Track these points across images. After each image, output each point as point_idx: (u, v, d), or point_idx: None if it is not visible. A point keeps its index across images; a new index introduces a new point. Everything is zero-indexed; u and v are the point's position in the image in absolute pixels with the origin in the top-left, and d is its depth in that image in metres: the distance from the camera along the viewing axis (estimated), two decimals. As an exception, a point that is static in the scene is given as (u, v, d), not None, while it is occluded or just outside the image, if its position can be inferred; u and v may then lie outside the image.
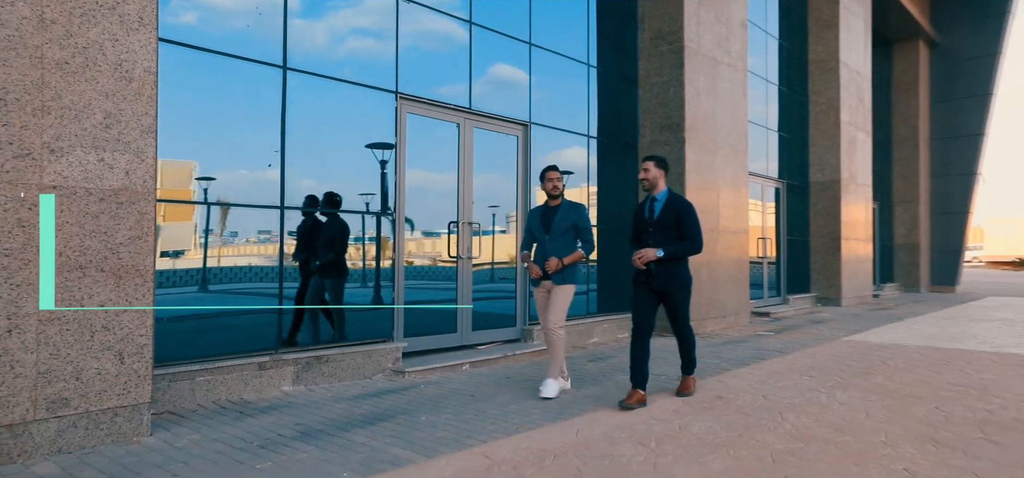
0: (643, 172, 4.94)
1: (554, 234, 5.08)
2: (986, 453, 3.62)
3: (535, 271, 5.13)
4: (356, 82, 5.94)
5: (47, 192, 3.52)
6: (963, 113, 19.01)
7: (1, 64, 3.39)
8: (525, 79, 7.53)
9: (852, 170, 13.66)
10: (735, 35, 9.76)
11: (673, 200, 4.90)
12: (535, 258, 5.20)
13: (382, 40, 6.16)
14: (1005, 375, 5.91)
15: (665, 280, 4.77)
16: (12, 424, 3.41)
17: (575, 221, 5.10)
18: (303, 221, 5.54)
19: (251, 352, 5.10)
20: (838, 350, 7.40)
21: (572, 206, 5.18)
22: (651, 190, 4.94)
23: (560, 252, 5.04)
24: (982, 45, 18.78)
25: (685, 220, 4.80)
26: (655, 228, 4.82)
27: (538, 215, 5.26)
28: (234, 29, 5.17)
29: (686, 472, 3.29)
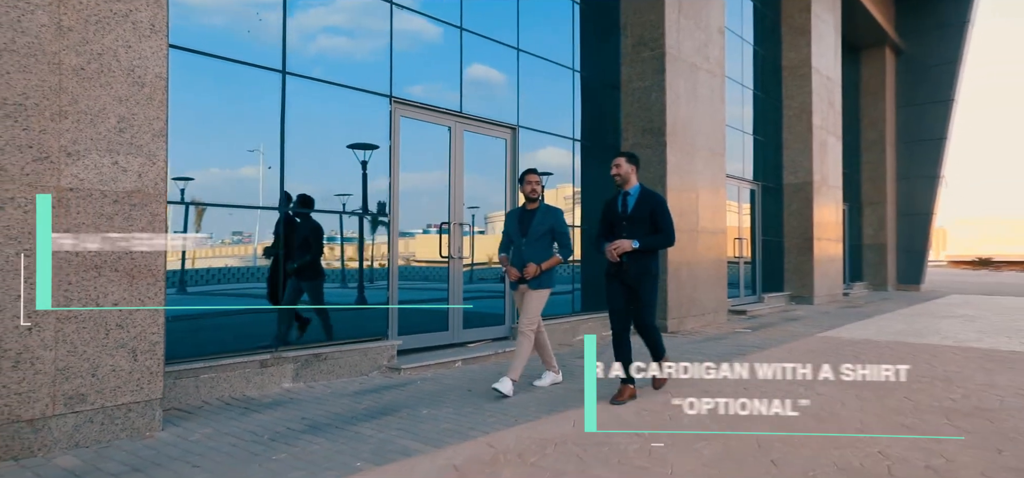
0: (615, 168, 4.99)
1: (531, 238, 5.14)
2: (945, 425, 3.91)
3: (513, 274, 5.21)
4: (352, 86, 6.08)
5: (64, 194, 3.63)
6: (927, 118, 19.70)
7: (21, 70, 3.49)
8: (513, 83, 7.73)
9: (824, 173, 14.12)
10: (713, 41, 10.08)
11: (647, 195, 4.97)
12: (512, 261, 5.26)
13: (355, 39, 6.31)
14: (967, 367, 6.28)
15: (637, 272, 4.83)
16: (33, 419, 3.52)
17: (552, 225, 5.17)
18: (277, 221, 5.56)
19: (253, 350, 5.22)
20: (813, 345, 7.74)
21: (549, 210, 5.25)
22: (623, 185, 4.99)
23: (536, 256, 5.11)
24: (944, 53, 19.47)
25: (659, 214, 4.89)
26: (628, 222, 4.89)
27: (516, 218, 5.31)
28: (212, 27, 5.29)
29: (681, 458, 3.52)
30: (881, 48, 18.97)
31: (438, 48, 6.95)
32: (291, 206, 5.62)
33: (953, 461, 3.48)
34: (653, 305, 5.00)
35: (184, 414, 4.42)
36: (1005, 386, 5.42)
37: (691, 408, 3.77)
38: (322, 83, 5.83)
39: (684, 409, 3.83)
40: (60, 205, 3.61)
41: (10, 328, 3.44)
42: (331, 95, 5.92)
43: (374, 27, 6.31)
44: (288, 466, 3.41)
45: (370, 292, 6.33)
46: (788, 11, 14.04)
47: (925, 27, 19.64)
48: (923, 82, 19.73)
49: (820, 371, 5.59)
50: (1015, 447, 3.74)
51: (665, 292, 8.79)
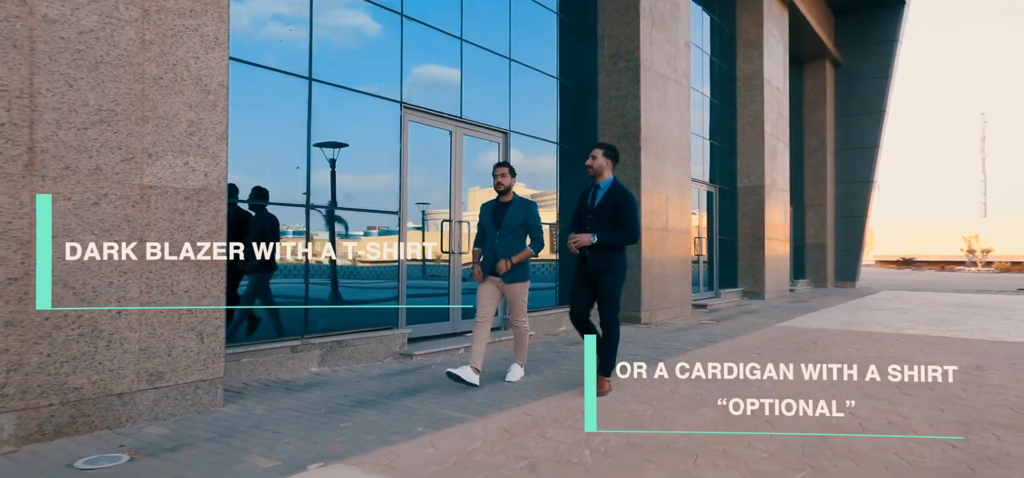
0: (590, 159, 4.96)
1: (504, 230, 5.17)
2: (905, 402, 4.71)
3: (477, 275, 5.31)
4: (365, 91, 6.54)
5: (146, 192, 4.01)
6: (862, 127, 21.24)
7: (113, 80, 3.86)
8: (505, 89, 8.30)
9: (774, 177, 15.21)
10: (681, 54, 10.89)
11: (615, 189, 4.90)
12: (485, 253, 5.30)
13: (298, 28, 6.77)
14: (907, 350, 7.21)
15: (599, 265, 4.79)
16: (121, 393, 3.89)
17: (525, 218, 5.19)
18: (228, 214, 5.21)
19: (285, 337, 5.63)
20: (775, 334, 8.60)
21: (522, 203, 5.27)
22: (596, 177, 4.96)
23: (509, 249, 5.16)
24: (877, 67, 21.04)
25: (623, 209, 4.79)
26: (594, 215, 4.85)
27: (490, 211, 5.32)
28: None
29: (690, 418, 4.18)
30: (822, 61, 20.35)
31: (441, 57, 7.45)
32: (241, 200, 5.65)
33: (908, 418, 4.26)
34: (614, 302, 4.85)
35: (233, 394, 4.82)
36: (940, 361, 6.31)
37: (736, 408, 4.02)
38: (336, 88, 6.27)
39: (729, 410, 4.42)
40: (142, 201, 3.99)
41: (103, 313, 3.81)
42: (339, 98, 6.35)
43: (323, 22, 6.77)
44: (359, 432, 3.90)
45: (372, 289, 6.78)
46: (743, 25, 15.06)
47: (860, 43, 21.17)
48: (859, 94, 21.26)
49: (785, 353, 6.37)
50: (953, 407, 4.56)
51: (639, 286, 9.53)
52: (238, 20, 5.46)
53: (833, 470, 3.23)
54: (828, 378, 4.07)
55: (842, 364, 4.24)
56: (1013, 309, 12.97)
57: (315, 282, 6.10)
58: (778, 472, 3.19)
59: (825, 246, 20.17)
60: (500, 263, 5.16)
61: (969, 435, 3.86)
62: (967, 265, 50.61)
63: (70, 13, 3.68)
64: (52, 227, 3.58)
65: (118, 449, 3.48)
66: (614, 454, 3.44)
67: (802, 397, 4.00)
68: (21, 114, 3.50)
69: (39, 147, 3.57)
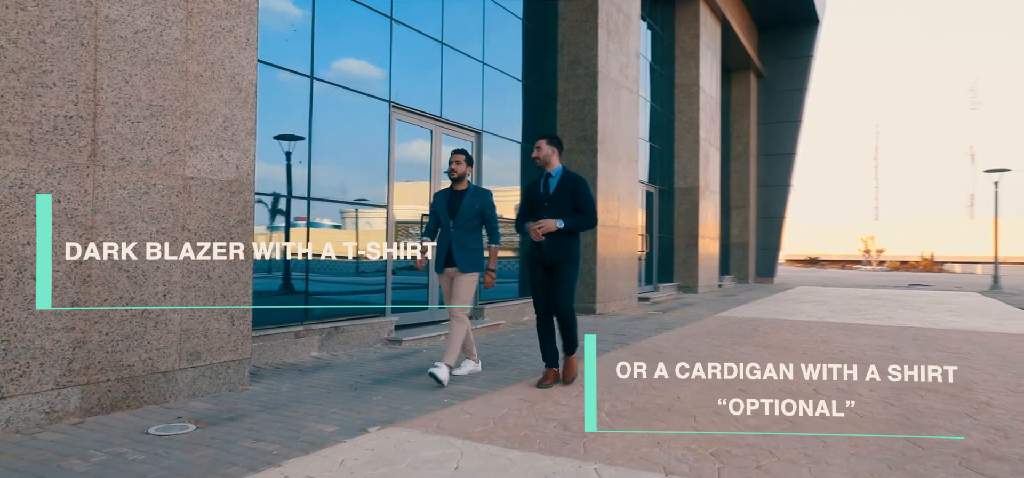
0: (536, 150, 4.95)
1: (460, 220, 5.01)
2: (844, 374, 5.55)
3: (420, 264, 5.20)
4: (358, 91, 6.87)
5: (187, 182, 4.28)
6: (781, 134, 22.93)
7: (162, 77, 4.11)
8: (478, 92, 8.77)
9: (707, 179, 16.33)
10: (632, 63, 11.68)
11: (568, 176, 4.92)
12: (439, 243, 5.14)
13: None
14: (833, 335, 8.21)
15: (557, 252, 4.80)
16: (166, 371, 4.16)
17: (481, 208, 5.06)
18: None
19: (288, 323, 5.93)
20: (718, 323, 9.49)
21: (478, 192, 5.13)
22: (545, 167, 4.95)
23: (465, 239, 5.01)
24: (794, 80, 22.77)
25: (580, 194, 4.84)
26: (550, 203, 4.84)
27: (444, 200, 5.14)
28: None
29: (674, 386, 4.83)
30: (747, 72, 21.83)
31: (424, 60, 7.85)
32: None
33: (853, 386, 5.08)
34: (572, 288, 4.89)
35: (252, 374, 5.10)
36: (864, 344, 7.32)
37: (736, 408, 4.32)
38: (327, 84, 6.58)
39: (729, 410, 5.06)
40: (184, 191, 4.26)
41: (152, 296, 4.06)
42: (329, 96, 6.67)
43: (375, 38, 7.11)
44: (393, 403, 4.31)
45: (359, 279, 7.12)
46: (681, 37, 16.09)
47: (780, 57, 22.84)
48: (778, 104, 22.94)
49: (734, 339, 7.16)
50: (873, 377, 5.42)
51: (594, 279, 10.22)
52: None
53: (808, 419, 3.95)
54: (772, 355, 4.80)
55: (785, 348, 5.03)
56: (909, 301, 14.61)
57: (260, 276, 6.40)
58: (761, 425, 3.87)
59: (748, 244, 21.68)
60: (487, 277, 5.08)
61: (899, 398, 4.68)
62: (864, 264, 54.91)
63: (127, 13, 3.92)
64: (107, 214, 3.83)
65: (175, 420, 3.76)
66: (626, 415, 4.03)
67: (790, 391, 4.72)
68: (86, 108, 3.73)
69: (100, 139, 3.80)
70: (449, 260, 5.06)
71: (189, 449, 3.23)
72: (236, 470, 2.94)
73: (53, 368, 3.60)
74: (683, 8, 16.04)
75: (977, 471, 3.10)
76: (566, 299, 4.87)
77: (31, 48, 3.49)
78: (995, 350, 7.20)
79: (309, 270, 6.30)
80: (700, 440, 3.55)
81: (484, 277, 5.12)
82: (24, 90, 3.46)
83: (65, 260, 3.63)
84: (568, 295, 4.87)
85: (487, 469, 2.98)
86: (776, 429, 3.79)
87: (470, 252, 5.04)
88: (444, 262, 5.09)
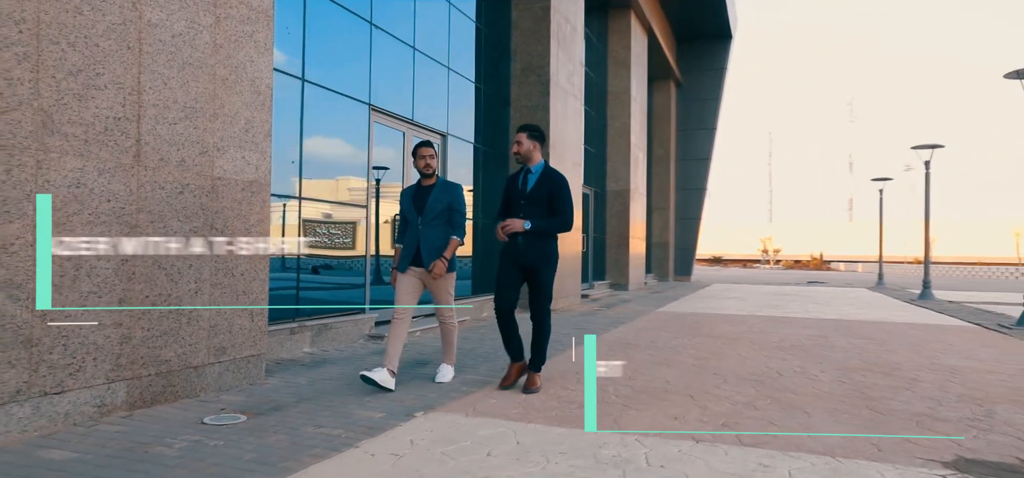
0: (516, 145, 4.68)
1: (428, 216, 4.74)
2: (785, 356, 6.32)
3: (396, 279, 4.84)
4: (341, 92, 7.04)
5: (215, 183, 4.41)
6: (698, 141, 24.42)
7: (194, 80, 4.24)
8: (444, 95, 9.08)
9: (636, 182, 17.28)
10: (577, 71, 12.30)
11: (549, 173, 4.66)
12: (407, 240, 4.82)
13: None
14: (768, 327, 9.12)
15: (534, 255, 4.55)
16: (197, 366, 4.28)
17: (450, 202, 4.76)
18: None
19: (283, 320, 6.05)
20: (663, 318, 10.25)
21: (447, 186, 4.85)
22: (526, 162, 4.68)
23: (434, 236, 4.72)
24: (710, 90, 24.33)
25: (558, 195, 4.58)
26: (527, 201, 4.59)
27: (410, 196, 4.88)
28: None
29: (660, 371, 5.39)
30: (668, 81, 23.12)
31: (397, 64, 8.08)
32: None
33: (806, 366, 5.83)
34: (549, 293, 4.65)
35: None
36: (798, 334, 8.22)
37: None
38: (313, 86, 6.74)
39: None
40: (213, 191, 4.39)
41: (186, 293, 4.18)
42: (316, 97, 6.83)
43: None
44: (419, 391, 4.60)
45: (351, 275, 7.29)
46: (613, 47, 16.94)
47: (697, 68, 24.34)
48: (695, 112, 24.42)
49: (684, 331, 7.86)
50: (827, 361, 6.22)
51: (546, 276, 10.74)
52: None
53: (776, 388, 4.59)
54: (724, 347, 5.46)
55: (733, 339, 5.70)
56: (814, 297, 16.14)
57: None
58: (752, 400, 4.47)
59: (668, 245, 22.97)
60: (437, 265, 4.67)
61: (848, 377, 5.45)
62: (763, 262, 58.83)
63: (166, 18, 4.03)
64: (149, 213, 3.93)
65: (219, 411, 3.92)
66: (631, 397, 4.53)
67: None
68: (132, 110, 3.82)
69: (143, 140, 3.90)
70: (417, 259, 4.76)
71: (261, 434, 3.44)
72: (320, 450, 3.20)
73: (104, 363, 3.68)
74: (616, 20, 16.90)
75: (929, 429, 3.81)
76: (544, 303, 4.62)
77: (86, 51, 3.56)
78: (902, 337, 8.30)
79: (300, 268, 6.43)
80: (709, 412, 4.09)
81: (435, 263, 4.67)
82: (81, 92, 3.54)
83: (114, 258, 3.72)
84: (546, 298, 4.62)
85: (543, 443, 3.39)
86: (765, 403, 4.40)
87: (441, 250, 4.73)
88: (411, 261, 4.78)
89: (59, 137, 3.43)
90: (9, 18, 3.21)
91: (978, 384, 5.22)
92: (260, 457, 3.09)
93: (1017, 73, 9.84)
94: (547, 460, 3.10)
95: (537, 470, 2.97)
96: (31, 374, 3.33)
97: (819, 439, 3.54)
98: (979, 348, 7.41)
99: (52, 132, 3.40)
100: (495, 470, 2.96)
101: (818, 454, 3.26)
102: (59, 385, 3.46)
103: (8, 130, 3.21)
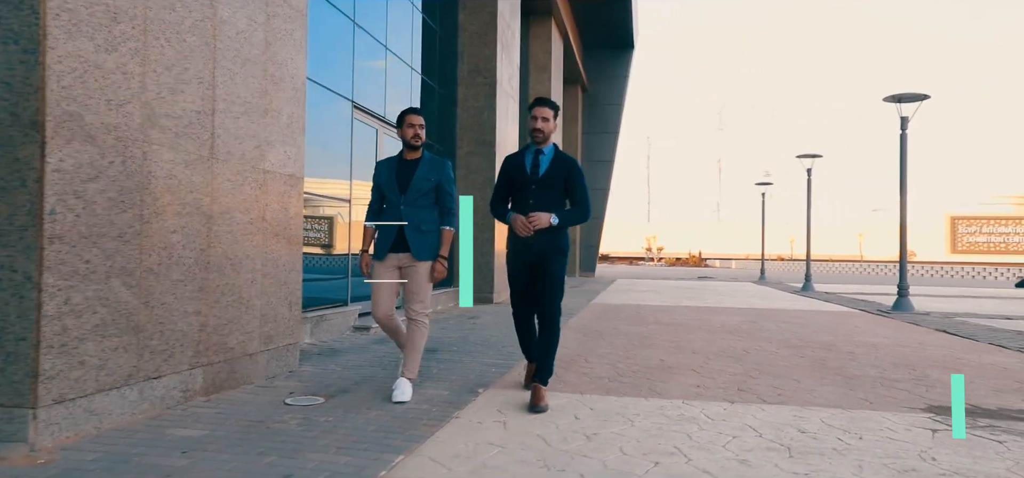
0: (541, 122, 4.04)
1: (412, 194, 4.07)
2: (737, 338, 7.25)
3: (364, 267, 4.21)
4: (325, 86, 7.17)
5: (265, 176, 4.55)
6: (602, 144, 25.80)
7: (251, 77, 4.37)
8: (414, 100, 9.33)
9: (556, 182, 18.11)
10: (515, 74, 12.87)
11: (563, 157, 4.16)
12: (384, 222, 4.15)
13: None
14: (703, 316, 10.14)
15: (544, 245, 4.00)
16: (252, 353, 4.41)
17: (438, 181, 4.13)
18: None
19: (287, 310, 6.15)
20: (602, 309, 11.04)
21: (435, 162, 4.20)
22: (542, 144, 4.11)
23: (419, 219, 4.08)
24: (613, 96, 25.79)
25: (578, 181, 4.10)
26: (539, 186, 4.03)
27: (392, 169, 4.17)
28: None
29: (651, 353, 6.06)
30: (576, 86, 24.28)
31: (372, 61, 8.26)
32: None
33: (762, 343, 6.73)
34: (562, 287, 4.13)
35: (281, 359, 5.35)
36: (734, 320, 9.27)
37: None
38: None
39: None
40: (264, 184, 4.53)
41: (245, 282, 4.31)
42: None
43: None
44: (449, 369, 4.96)
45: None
46: (535, 52, 17.68)
47: (601, 74, 25.72)
48: (600, 116, 25.79)
49: (632, 319, 8.68)
50: (768, 341, 7.20)
51: (493, 272, 11.24)
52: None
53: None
54: (676, 332, 6.25)
55: (681, 325, 6.51)
56: (716, 289, 17.76)
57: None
58: (744, 372, 5.22)
59: (575, 243, 24.10)
60: (438, 268, 4.12)
61: (802, 353, 6.39)
62: (648, 260, 62.42)
63: (231, 14, 4.15)
64: (220, 204, 4.05)
65: (290, 395, 4.11)
66: (630, 373, 5.16)
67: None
68: (208, 104, 3.93)
69: (216, 134, 4.01)
70: (398, 244, 4.07)
71: (357, 411, 3.70)
72: (432, 418, 3.54)
73: (188, 350, 3.78)
74: (538, 26, 17.64)
75: (893, 387, 4.72)
76: (555, 303, 4.06)
77: (178, 47, 3.66)
78: (814, 321, 9.58)
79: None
80: (718, 382, 4.79)
81: (434, 265, 4.13)
82: (173, 86, 3.63)
83: (196, 248, 3.83)
84: (558, 298, 4.07)
85: (610, 410, 3.90)
86: (757, 373, 5.17)
87: (426, 235, 4.10)
88: (390, 247, 4.08)
89: (158, 130, 3.52)
90: (125, 14, 3.28)
91: (900, 355, 6.32)
92: (382, 427, 3.39)
93: (896, 97, 11.55)
94: (631, 424, 3.62)
95: (628, 428, 3.49)
96: (138, 359, 3.41)
97: (824, 396, 4.32)
98: (879, 328, 8.76)
99: (153, 125, 3.49)
100: (599, 428, 3.45)
101: (831, 408, 4.02)
102: (157, 370, 3.55)
103: (123, 122, 3.28)
